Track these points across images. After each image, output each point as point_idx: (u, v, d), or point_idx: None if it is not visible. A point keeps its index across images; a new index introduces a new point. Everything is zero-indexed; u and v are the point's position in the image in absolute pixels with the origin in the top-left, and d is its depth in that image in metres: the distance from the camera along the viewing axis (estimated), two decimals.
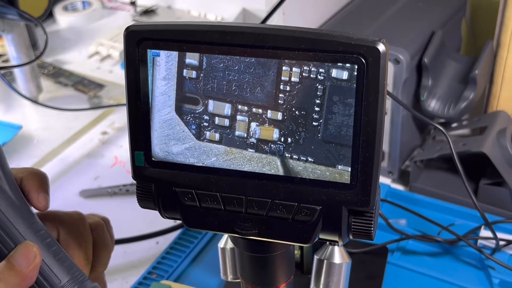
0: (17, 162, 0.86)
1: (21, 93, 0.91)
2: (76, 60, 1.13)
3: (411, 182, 0.76)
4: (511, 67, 0.77)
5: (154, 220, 0.73)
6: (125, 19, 1.24)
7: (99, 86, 1.03)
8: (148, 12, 1.19)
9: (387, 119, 0.74)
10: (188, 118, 0.38)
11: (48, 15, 1.22)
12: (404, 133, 0.76)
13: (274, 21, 0.84)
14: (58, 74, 1.07)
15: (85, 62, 1.12)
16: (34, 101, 0.93)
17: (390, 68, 0.70)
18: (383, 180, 0.79)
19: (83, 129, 0.93)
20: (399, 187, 0.78)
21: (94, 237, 0.45)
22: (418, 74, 0.75)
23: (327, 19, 0.87)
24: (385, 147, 0.77)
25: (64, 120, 0.95)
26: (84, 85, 1.04)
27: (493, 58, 0.78)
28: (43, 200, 0.42)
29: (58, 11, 1.23)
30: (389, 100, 0.72)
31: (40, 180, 0.43)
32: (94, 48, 1.13)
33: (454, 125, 0.79)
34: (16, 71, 0.93)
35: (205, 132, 0.38)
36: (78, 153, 0.88)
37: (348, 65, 0.34)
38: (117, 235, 0.70)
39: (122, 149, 0.88)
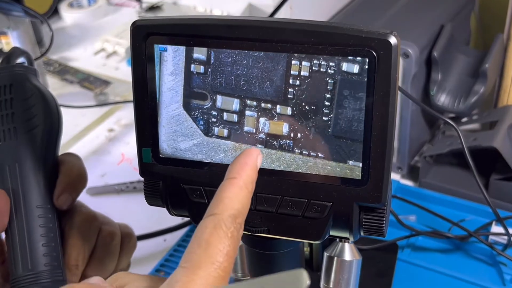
0: None
1: None
2: (82, 57, 1.12)
3: (420, 178, 0.76)
4: None
5: (161, 217, 0.72)
6: (130, 15, 1.24)
7: (105, 83, 1.03)
8: (153, 8, 1.18)
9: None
10: (196, 114, 0.37)
11: (54, 12, 1.22)
12: (413, 128, 0.75)
13: (281, 16, 0.83)
14: (64, 71, 1.07)
15: (91, 59, 1.12)
16: None
17: (399, 62, 0.70)
18: (392, 176, 0.78)
19: (90, 126, 0.93)
20: (408, 182, 0.77)
21: (98, 243, 0.45)
22: (428, 68, 0.74)
23: (335, 13, 0.86)
24: (394, 142, 0.76)
25: (70, 117, 0.94)
26: (90, 82, 1.03)
27: (504, 51, 0.77)
28: (61, 200, 0.42)
29: (63, 7, 1.23)
30: (398, 95, 0.71)
31: (73, 180, 0.43)
32: (100, 45, 1.13)
33: (464, 119, 0.78)
34: None
35: (213, 128, 0.37)
36: (84, 150, 0.88)
37: (359, 58, 0.33)
38: None
39: (129, 146, 0.88)
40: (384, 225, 0.37)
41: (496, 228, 0.66)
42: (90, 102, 0.98)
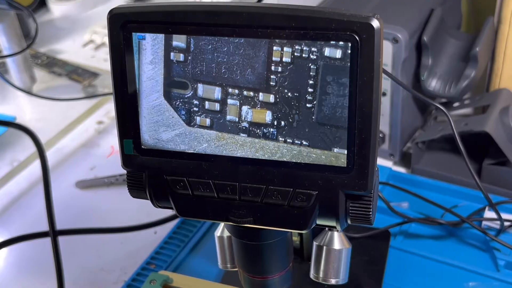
0: (12, 154, 0.85)
1: (14, 84, 0.89)
2: (70, 49, 1.11)
3: (413, 164, 0.75)
4: None
5: (152, 209, 0.71)
6: None
7: (94, 74, 1.02)
8: None
9: (387, 101, 0.72)
10: (177, 103, 0.36)
11: (41, 4, 1.21)
12: (405, 115, 0.74)
13: (272, 1, 0.82)
14: (52, 64, 1.06)
15: (80, 51, 1.10)
16: (28, 92, 0.92)
17: (389, 47, 0.69)
18: (385, 163, 0.77)
19: (78, 119, 0.92)
20: (400, 169, 0.77)
21: None
22: (418, 53, 0.74)
23: None
24: (386, 129, 0.75)
25: (59, 110, 0.93)
26: (79, 74, 1.02)
27: (494, 34, 0.76)
28: None
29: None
30: (389, 81, 0.71)
31: None
32: (89, 37, 1.12)
33: (456, 104, 0.78)
34: (9, 62, 0.91)
35: (195, 117, 0.36)
36: (73, 143, 0.87)
37: (341, 43, 0.33)
38: (115, 225, 0.69)
39: None
40: (371, 212, 0.36)
41: (489, 214, 0.65)
42: (79, 94, 0.97)
